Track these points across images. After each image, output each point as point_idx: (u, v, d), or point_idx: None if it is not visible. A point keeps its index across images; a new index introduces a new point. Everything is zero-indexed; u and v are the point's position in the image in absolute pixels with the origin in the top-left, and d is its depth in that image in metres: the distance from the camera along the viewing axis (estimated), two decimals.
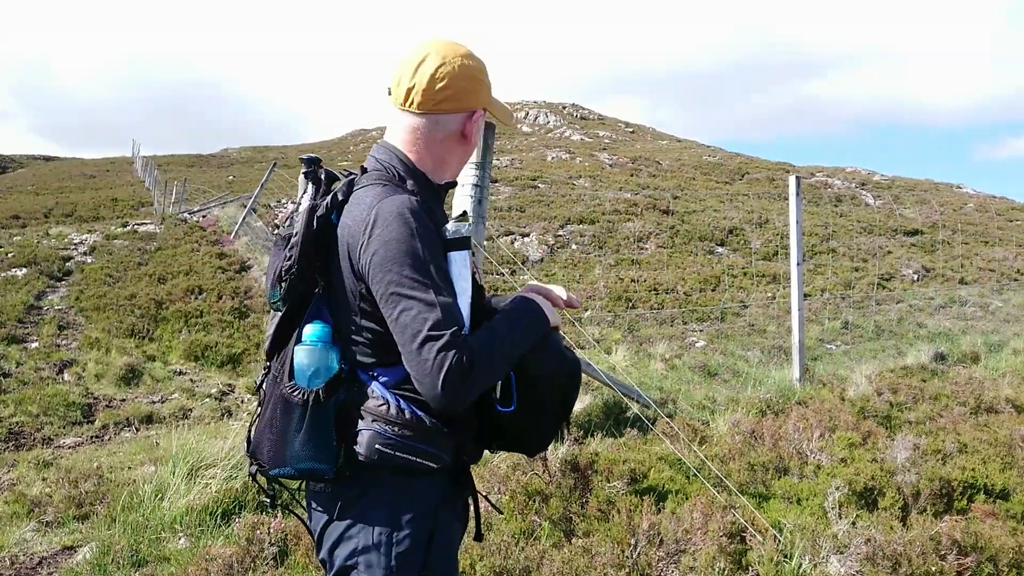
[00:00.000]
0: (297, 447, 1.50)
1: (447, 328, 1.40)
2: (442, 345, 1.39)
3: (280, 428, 1.52)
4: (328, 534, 1.57)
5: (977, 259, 18.36)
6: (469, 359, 1.39)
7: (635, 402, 5.58)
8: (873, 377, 6.62)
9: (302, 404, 1.50)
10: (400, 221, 1.46)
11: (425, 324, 1.40)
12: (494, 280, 12.92)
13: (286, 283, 1.55)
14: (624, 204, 20.49)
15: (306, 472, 1.52)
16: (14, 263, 13.25)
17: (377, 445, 1.49)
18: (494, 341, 1.47)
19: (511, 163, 30.02)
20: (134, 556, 3.50)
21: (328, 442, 1.50)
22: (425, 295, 1.42)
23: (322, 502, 1.59)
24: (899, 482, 3.80)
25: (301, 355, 1.52)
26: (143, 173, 37.21)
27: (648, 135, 56.34)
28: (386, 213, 1.48)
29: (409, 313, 1.42)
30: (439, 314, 1.41)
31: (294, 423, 1.50)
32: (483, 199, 4.79)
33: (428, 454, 1.52)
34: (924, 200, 26.22)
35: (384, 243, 1.45)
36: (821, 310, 12.42)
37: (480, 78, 1.65)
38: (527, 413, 1.59)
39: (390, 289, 1.44)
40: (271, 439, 1.54)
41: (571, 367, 1.64)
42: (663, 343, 9.62)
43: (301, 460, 1.50)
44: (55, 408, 6.66)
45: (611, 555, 3.05)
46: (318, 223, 1.53)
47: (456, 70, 1.60)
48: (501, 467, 4.12)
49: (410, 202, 1.50)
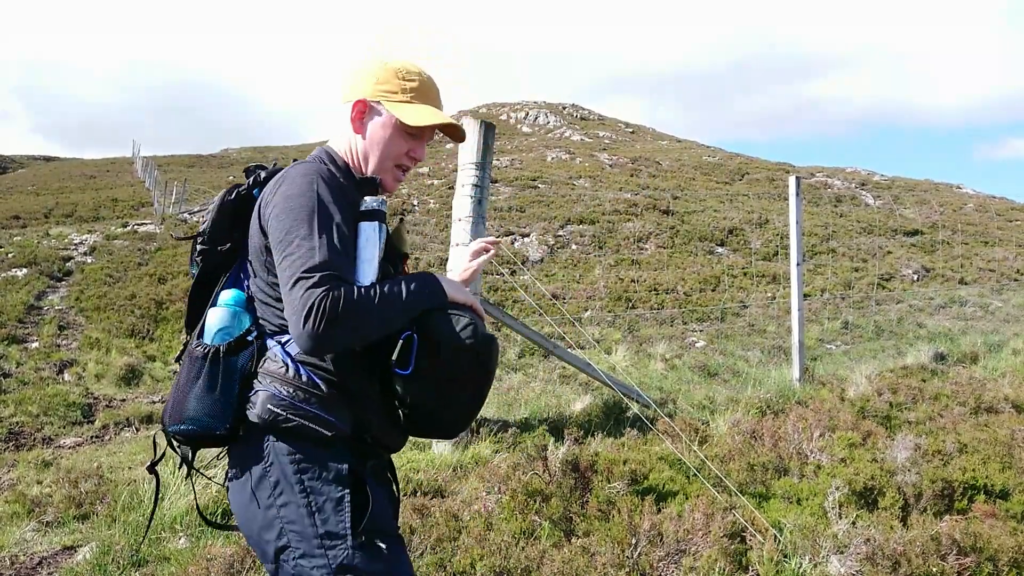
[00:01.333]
0: (192, 402, 1.52)
1: (322, 271, 1.41)
2: (311, 284, 1.39)
3: (182, 385, 1.55)
4: (249, 518, 1.56)
5: (977, 259, 18.36)
6: (335, 303, 1.38)
7: (635, 402, 5.58)
8: (873, 377, 6.62)
9: (202, 357, 1.53)
10: (304, 179, 1.54)
11: (302, 266, 1.42)
12: (494, 280, 12.92)
13: (200, 247, 1.67)
14: (624, 204, 20.49)
15: (199, 429, 1.52)
16: (14, 263, 13.25)
17: (269, 405, 1.51)
18: (370, 295, 1.44)
19: (511, 163, 30.02)
20: (134, 556, 3.50)
21: (224, 400, 1.52)
22: (309, 242, 1.44)
23: (236, 484, 1.59)
24: (899, 482, 3.80)
25: (212, 315, 1.59)
26: (143, 173, 37.21)
27: (648, 135, 56.33)
28: (293, 173, 1.57)
29: (290, 258, 1.45)
30: (317, 258, 1.42)
31: (192, 377, 1.53)
32: (483, 199, 4.79)
33: (321, 419, 1.52)
34: (924, 200, 26.21)
35: (285, 197, 1.52)
36: (821, 310, 12.42)
37: (376, 72, 1.71)
38: (432, 384, 1.54)
39: (279, 236, 1.49)
40: (174, 397, 1.56)
41: (482, 340, 1.57)
42: (663, 343, 9.62)
43: (195, 415, 1.51)
44: (55, 408, 6.66)
45: (611, 555, 3.05)
46: (237, 195, 1.65)
47: (358, 65, 1.74)
48: (501, 467, 4.12)
49: (319, 167, 1.58)
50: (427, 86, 1.73)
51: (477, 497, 3.86)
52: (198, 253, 1.68)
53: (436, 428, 1.66)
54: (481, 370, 1.60)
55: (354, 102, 1.70)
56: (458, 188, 4.83)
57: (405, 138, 1.71)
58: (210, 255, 1.67)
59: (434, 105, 1.74)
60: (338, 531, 1.50)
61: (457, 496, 3.98)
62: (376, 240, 1.55)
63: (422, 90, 1.72)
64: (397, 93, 1.70)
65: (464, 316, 1.57)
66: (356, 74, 1.73)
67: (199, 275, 1.68)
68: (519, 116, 59.57)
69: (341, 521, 1.50)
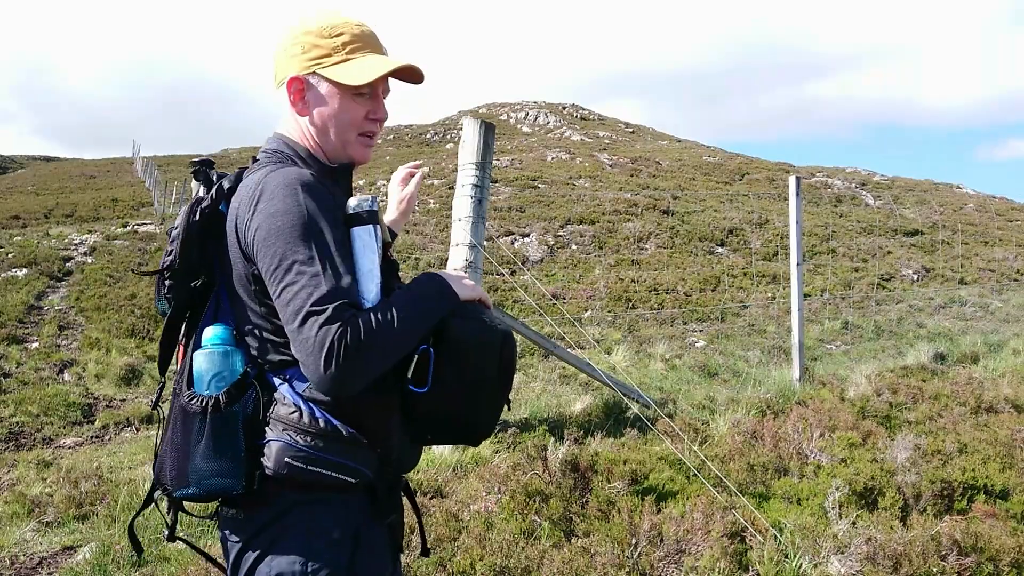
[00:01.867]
0: (199, 462, 1.33)
1: (332, 301, 1.26)
2: (325, 319, 1.24)
3: (180, 443, 1.35)
4: (241, 566, 1.40)
5: (977, 259, 18.36)
6: (356, 334, 1.24)
7: (635, 402, 5.58)
8: (873, 377, 6.62)
9: (200, 412, 1.34)
10: (286, 191, 1.34)
11: (309, 299, 1.26)
12: (494, 280, 12.92)
13: (168, 282, 1.45)
14: (624, 204, 20.49)
15: (213, 490, 1.35)
16: (14, 263, 13.26)
17: (287, 458, 1.34)
18: (389, 314, 1.29)
19: (511, 163, 30.02)
20: (134, 556, 3.50)
21: (234, 455, 1.34)
22: (310, 268, 1.28)
23: (234, 528, 1.43)
24: (899, 482, 3.80)
25: (200, 360, 1.39)
26: (143, 173, 37.23)
27: (648, 135, 56.33)
28: (272, 185, 1.36)
29: (292, 288, 1.28)
30: (324, 288, 1.27)
31: (194, 435, 1.34)
32: (483, 199, 4.79)
33: (345, 467, 1.37)
34: (924, 200, 26.22)
35: (269, 216, 1.33)
36: (821, 310, 12.42)
37: (298, 43, 1.49)
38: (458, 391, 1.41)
39: (273, 264, 1.31)
40: (173, 457, 1.37)
41: (501, 336, 1.46)
42: (663, 343, 9.62)
43: (205, 476, 1.33)
44: (55, 408, 6.66)
45: (611, 555, 3.05)
46: (202, 214, 1.42)
47: (280, 40, 1.53)
48: (501, 467, 4.12)
49: (299, 173, 1.38)
50: (360, 35, 1.50)
51: (477, 497, 3.85)
52: (167, 289, 1.45)
53: (463, 435, 1.54)
54: (504, 367, 1.47)
55: (286, 83, 1.49)
56: (458, 188, 4.83)
57: (358, 101, 1.49)
58: (181, 290, 1.44)
59: (375, 52, 1.51)
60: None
61: (457, 496, 3.98)
62: (373, 247, 1.39)
63: (356, 41, 1.49)
64: (330, 55, 1.47)
65: (482, 312, 1.47)
66: (281, 52, 1.51)
67: (171, 314, 1.47)
68: (519, 116, 59.57)
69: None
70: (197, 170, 1.53)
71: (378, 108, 1.53)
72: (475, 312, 1.47)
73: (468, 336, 1.42)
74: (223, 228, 1.43)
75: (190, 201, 1.46)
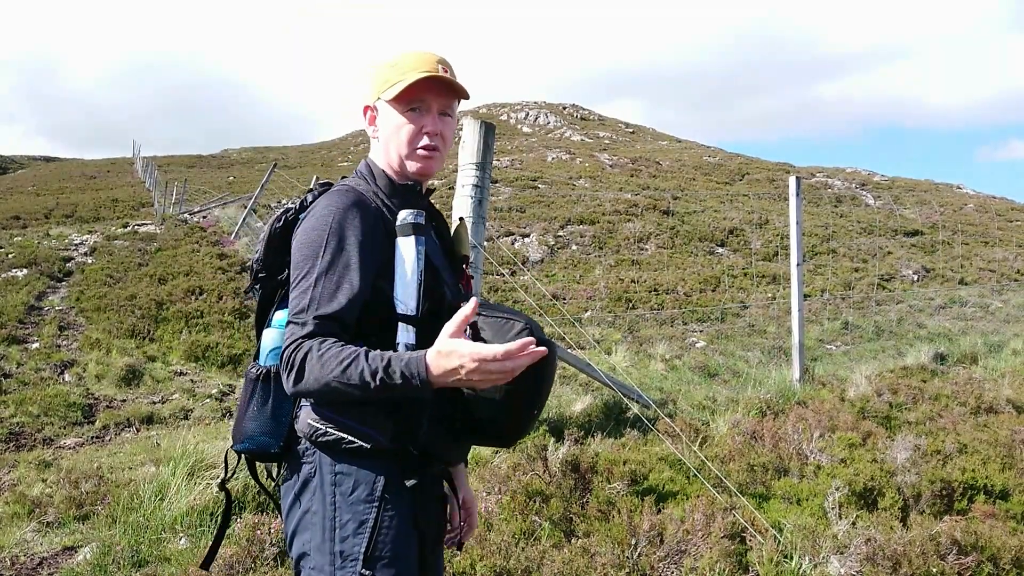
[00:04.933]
0: (249, 423, 1.58)
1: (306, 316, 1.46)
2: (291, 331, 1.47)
3: (241, 405, 1.61)
4: (288, 523, 1.60)
5: (977, 259, 18.36)
6: (297, 358, 1.42)
7: (635, 402, 5.58)
8: (873, 377, 6.62)
9: (255, 379, 1.59)
10: (326, 211, 1.55)
11: (295, 307, 1.48)
12: (494, 280, 12.92)
13: (252, 276, 1.70)
14: (624, 205, 20.49)
15: (257, 447, 1.58)
16: (15, 264, 13.26)
17: (310, 420, 1.53)
18: (320, 357, 1.41)
19: (511, 164, 30.02)
20: (135, 556, 3.50)
21: (276, 418, 1.57)
22: (307, 281, 1.50)
23: (285, 489, 1.62)
24: (899, 482, 3.80)
25: (267, 337, 1.63)
26: (143, 174, 37.23)
27: (648, 135, 56.34)
28: (321, 204, 1.58)
29: (293, 292, 1.51)
30: (303, 302, 1.47)
31: (247, 398, 1.59)
32: (483, 200, 4.79)
33: (359, 432, 1.51)
34: (924, 200, 26.22)
35: (304, 229, 1.56)
36: (821, 311, 12.42)
37: (372, 76, 1.71)
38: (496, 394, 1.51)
39: (293, 270, 1.55)
40: (236, 416, 1.63)
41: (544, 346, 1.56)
42: (663, 343, 9.63)
43: (252, 434, 1.57)
44: (56, 409, 6.66)
45: (611, 555, 3.05)
46: (283, 221, 1.65)
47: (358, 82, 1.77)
48: (502, 467, 4.12)
49: (346, 198, 1.57)
50: (410, 59, 1.67)
51: (477, 497, 3.86)
52: (256, 281, 1.71)
53: (497, 437, 1.67)
54: (541, 377, 1.56)
55: (363, 112, 1.74)
56: (458, 188, 4.83)
57: (411, 118, 1.66)
58: (267, 282, 1.70)
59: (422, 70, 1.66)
60: (352, 552, 1.49)
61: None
62: (414, 256, 1.54)
63: (404, 65, 1.66)
64: (390, 80, 1.67)
65: (519, 322, 1.55)
66: (361, 86, 1.76)
67: (260, 301, 1.72)
68: (519, 116, 59.58)
69: (357, 544, 1.50)
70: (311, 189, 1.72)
71: (430, 122, 1.67)
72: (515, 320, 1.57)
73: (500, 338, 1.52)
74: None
75: (282, 208, 1.70)
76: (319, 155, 50.56)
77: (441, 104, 1.68)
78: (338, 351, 1.41)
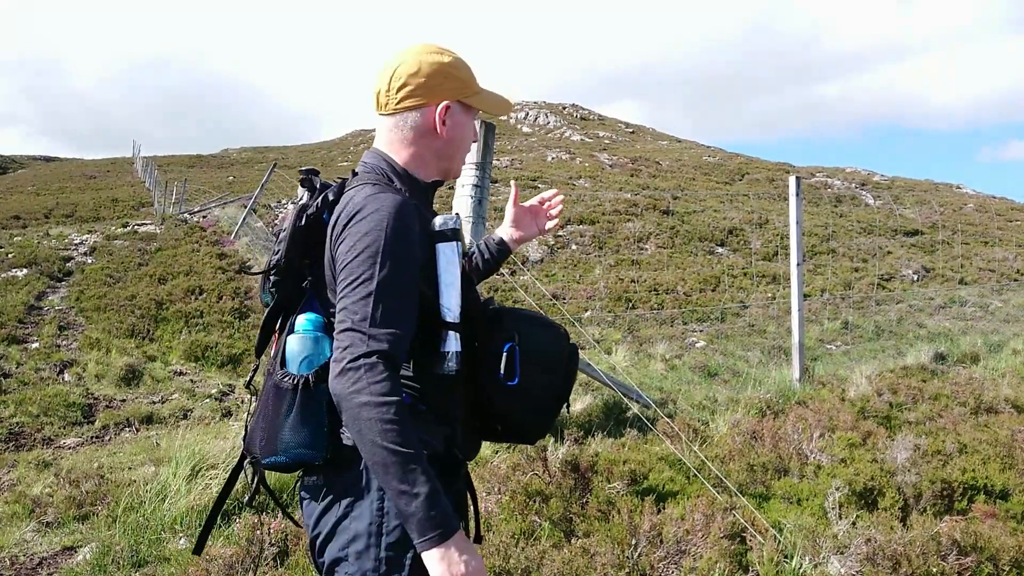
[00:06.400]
0: (287, 434, 1.50)
1: (372, 330, 1.41)
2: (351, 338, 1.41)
3: (271, 416, 1.52)
4: (320, 528, 1.55)
5: (977, 259, 18.36)
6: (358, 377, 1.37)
7: (635, 402, 5.58)
8: (873, 377, 6.62)
9: (292, 389, 1.50)
10: (378, 216, 1.49)
11: (355, 316, 1.42)
12: (494, 280, 12.92)
13: (274, 277, 1.61)
14: (624, 204, 20.49)
15: (298, 459, 1.51)
16: (14, 263, 13.26)
17: None
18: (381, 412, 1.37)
19: (511, 163, 30.03)
20: (134, 557, 3.50)
21: (318, 428, 1.50)
22: (366, 287, 1.43)
23: (314, 494, 1.57)
24: (899, 482, 3.80)
25: (293, 343, 1.55)
26: (143, 174, 37.22)
27: (648, 135, 56.35)
28: (369, 208, 1.50)
29: (347, 299, 1.45)
30: (369, 309, 1.42)
31: (284, 409, 1.51)
32: (483, 199, 4.79)
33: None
34: (924, 200, 26.22)
35: (357, 236, 1.48)
36: (821, 310, 12.42)
37: (445, 72, 1.65)
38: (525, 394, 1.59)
39: (344, 276, 1.47)
40: (263, 428, 1.54)
41: (570, 348, 1.67)
42: (663, 343, 9.62)
43: (292, 447, 1.50)
44: (55, 408, 6.66)
45: (611, 556, 3.05)
46: (307, 220, 1.57)
47: (415, 68, 1.63)
48: (501, 467, 4.12)
49: (394, 200, 1.52)
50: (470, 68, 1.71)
51: (477, 498, 3.86)
52: (272, 284, 1.63)
53: (520, 435, 1.71)
54: (567, 379, 1.65)
55: (439, 107, 1.64)
56: (458, 188, 4.83)
57: (474, 127, 1.73)
58: (285, 286, 1.62)
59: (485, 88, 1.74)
60: (399, 559, 1.48)
61: None
62: (456, 261, 1.55)
63: (472, 74, 1.71)
64: (471, 87, 1.69)
65: (554, 327, 1.62)
66: (429, 75, 1.64)
67: (274, 305, 1.64)
68: (519, 116, 59.56)
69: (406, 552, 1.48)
70: (304, 178, 1.65)
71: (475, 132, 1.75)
72: (551, 325, 1.65)
73: (544, 346, 1.61)
74: (323, 235, 1.57)
75: (297, 205, 1.62)
76: (319, 155, 50.55)
77: None
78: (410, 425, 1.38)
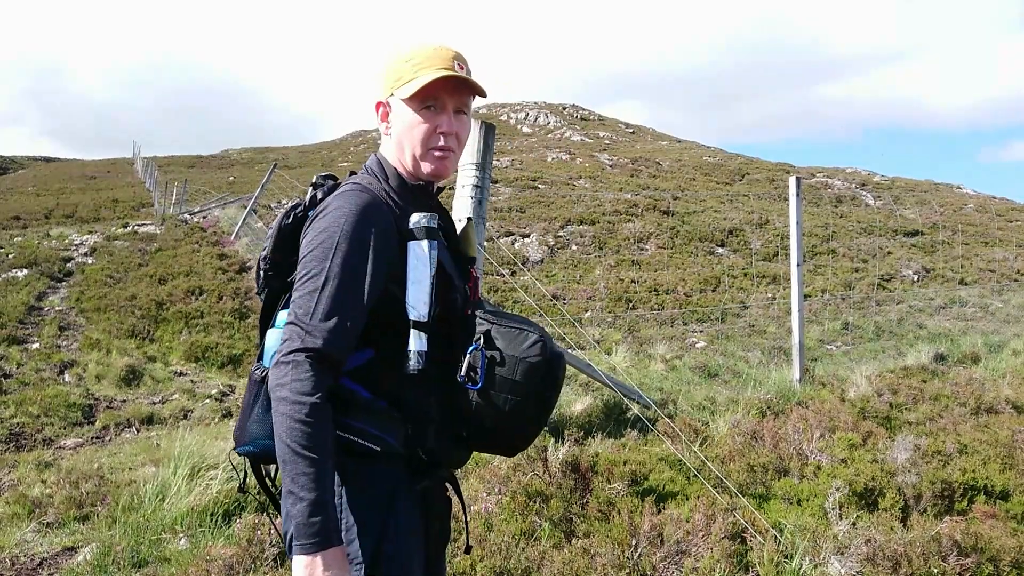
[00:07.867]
0: (253, 426, 1.52)
1: (310, 324, 1.41)
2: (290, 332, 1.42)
3: (244, 407, 1.56)
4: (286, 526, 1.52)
5: (977, 260, 18.35)
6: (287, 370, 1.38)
7: (635, 403, 5.58)
8: (873, 378, 6.62)
9: (260, 381, 1.53)
10: (337, 214, 1.49)
11: (299, 309, 1.44)
12: (494, 280, 12.92)
13: (261, 273, 1.65)
14: (624, 205, 20.49)
15: (265, 450, 1.51)
16: (15, 264, 13.26)
17: None
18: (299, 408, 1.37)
19: (511, 164, 30.03)
20: (135, 557, 3.50)
21: None
22: (314, 282, 1.45)
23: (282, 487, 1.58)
24: (899, 483, 3.80)
25: (271, 337, 1.57)
26: (143, 174, 37.24)
27: (648, 136, 56.35)
28: (332, 205, 1.52)
29: (296, 293, 1.46)
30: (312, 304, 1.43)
31: (251, 400, 1.54)
32: (483, 200, 4.79)
33: (370, 435, 1.49)
34: (924, 201, 26.21)
35: (316, 231, 1.50)
36: (821, 311, 12.41)
37: (386, 68, 1.65)
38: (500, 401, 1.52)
39: (300, 269, 1.49)
40: (239, 419, 1.58)
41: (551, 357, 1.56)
42: (663, 344, 9.62)
43: (258, 437, 1.51)
44: (56, 409, 6.66)
45: (612, 556, 3.05)
46: (293, 218, 1.59)
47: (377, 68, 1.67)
48: (502, 468, 4.12)
49: (358, 199, 1.52)
50: (431, 55, 1.60)
51: (477, 498, 3.86)
52: (263, 278, 1.66)
53: (500, 445, 1.66)
54: (548, 387, 1.57)
55: (375, 107, 1.67)
56: (458, 189, 4.83)
57: (426, 117, 1.60)
58: (274, 280, 1.64)
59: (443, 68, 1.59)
60: (358, 555, 1.47)
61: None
62: (426, 259, 1.51)
63: (419, 60, 1.59)
64: (403, 77, 1.60)
65: (532, 332, 1.56)
66: (378, 76, 1.68)
67: (266, 299, 1.67)
68: (519, 116, 59.58)
69: (364, 547, 1.47)
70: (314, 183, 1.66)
71: (445, 122, 1.61)
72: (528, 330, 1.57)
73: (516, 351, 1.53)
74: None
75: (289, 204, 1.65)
76: (319, 155, 50.55)
77: (456, 102, 1.63)
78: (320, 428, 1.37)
